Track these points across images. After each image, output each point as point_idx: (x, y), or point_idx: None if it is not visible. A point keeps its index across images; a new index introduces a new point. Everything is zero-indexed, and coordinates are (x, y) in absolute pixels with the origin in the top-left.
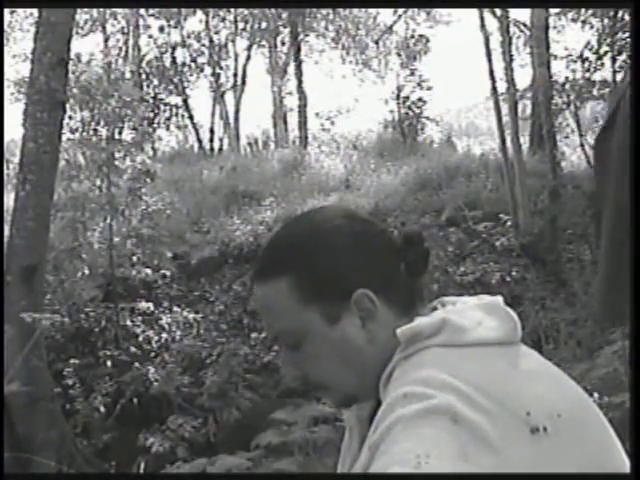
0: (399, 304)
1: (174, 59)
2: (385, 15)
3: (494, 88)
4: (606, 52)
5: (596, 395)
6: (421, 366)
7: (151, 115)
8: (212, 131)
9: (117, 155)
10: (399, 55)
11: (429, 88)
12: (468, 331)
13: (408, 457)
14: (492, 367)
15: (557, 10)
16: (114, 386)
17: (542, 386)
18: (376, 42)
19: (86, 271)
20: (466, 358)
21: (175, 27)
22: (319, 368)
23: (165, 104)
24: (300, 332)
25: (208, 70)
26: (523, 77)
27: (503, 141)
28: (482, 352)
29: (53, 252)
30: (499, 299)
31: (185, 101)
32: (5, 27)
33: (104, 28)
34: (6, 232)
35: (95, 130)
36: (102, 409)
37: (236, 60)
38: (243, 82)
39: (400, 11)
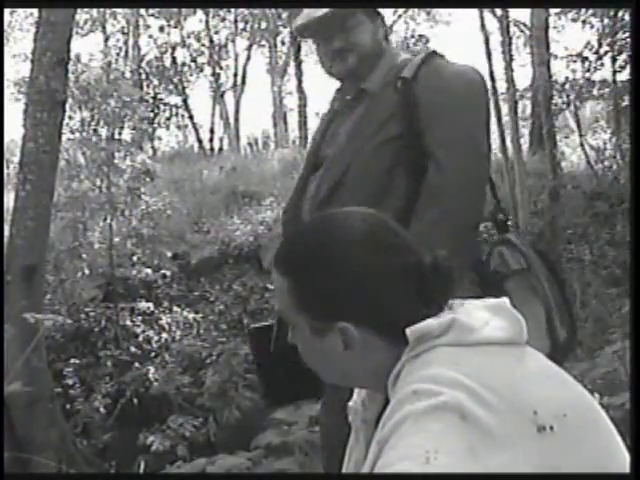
0: (394, 332)
1: (174, 59)
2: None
3: (494, 88)
4: (606, 52)
5: (596, 395)
6: (430, 364)
7: (151, 115)
8: (212, 131)
9: (117, 155)
10: None
11: None
12: (476, 330)
13: (417, 452)
14: (500, 366)
15: (557, 10)
16: (114, 386)
17: (548, 386)
18: None
19: (86, 271)
20: (474, 356)
21: (175, 27)
22: (307, 357)
23: (165, 104)
24: (294, 324)
25: (208, 70)
26: (523, 77)
27: (503, 141)
28: (490, 351)
29: (53, 252)
30: (505, 300)
31: (185, 101)
32: (5, 27)
33: (104, 28)
34: (6, 232)
35: (95, 130)
36: (102, 409)
37: (236, 60)
38: (243, 82)
39: (400, 11)
